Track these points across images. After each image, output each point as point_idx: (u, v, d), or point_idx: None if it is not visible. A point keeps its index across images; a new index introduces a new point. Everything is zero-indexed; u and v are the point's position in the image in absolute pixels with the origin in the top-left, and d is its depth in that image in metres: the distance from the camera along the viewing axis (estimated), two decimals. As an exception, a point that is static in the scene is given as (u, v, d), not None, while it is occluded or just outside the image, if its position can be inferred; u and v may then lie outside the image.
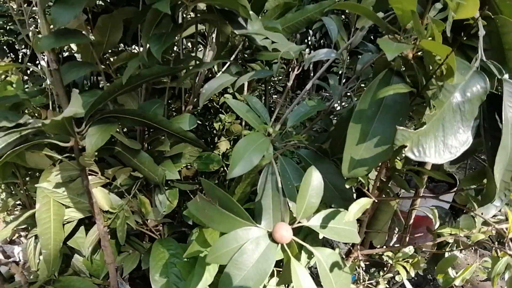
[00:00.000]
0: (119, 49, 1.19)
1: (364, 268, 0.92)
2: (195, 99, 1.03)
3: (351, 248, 0.94)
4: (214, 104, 1.28)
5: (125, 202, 0.98)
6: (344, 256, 0.95)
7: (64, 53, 1.29)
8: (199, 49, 1.24)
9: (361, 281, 0.93)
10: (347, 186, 0.64)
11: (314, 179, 0.56)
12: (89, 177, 0.92)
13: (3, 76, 1.18)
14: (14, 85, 1.10)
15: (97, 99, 0.77)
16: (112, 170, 0.95)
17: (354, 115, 0.54)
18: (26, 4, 0.88)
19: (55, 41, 0.74)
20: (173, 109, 1.22)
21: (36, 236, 1.02)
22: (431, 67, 0.51)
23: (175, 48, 1.12)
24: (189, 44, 1.40)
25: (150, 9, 0.79)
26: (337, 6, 0.86)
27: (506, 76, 0.50)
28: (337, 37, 1.01)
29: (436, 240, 0.85)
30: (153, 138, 1.02)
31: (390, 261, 0.92)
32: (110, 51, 1.09)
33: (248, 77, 0.85)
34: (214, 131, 1.26)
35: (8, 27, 1.48)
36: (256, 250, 0.52)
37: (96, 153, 0.89)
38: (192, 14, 1.07)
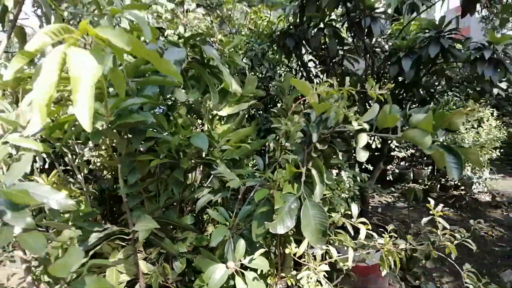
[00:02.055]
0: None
1: None
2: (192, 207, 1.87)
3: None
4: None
5: (156, 268, 1.75)
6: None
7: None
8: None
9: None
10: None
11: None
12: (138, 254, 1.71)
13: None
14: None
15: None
16: (148, 250, 1.73)
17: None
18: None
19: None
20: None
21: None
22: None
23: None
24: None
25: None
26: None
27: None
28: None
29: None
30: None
31: None
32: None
33: (218, 195, 1.71)
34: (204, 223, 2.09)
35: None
36: (221, 274, 1.32)
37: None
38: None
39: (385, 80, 2.70)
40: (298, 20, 2.57)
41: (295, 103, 1.48)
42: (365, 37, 2.35)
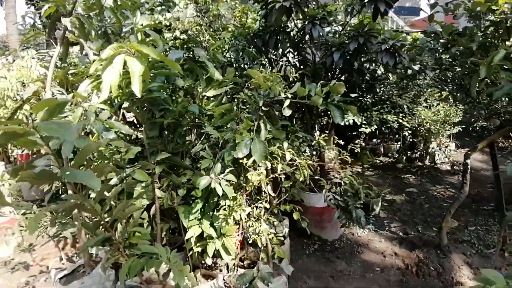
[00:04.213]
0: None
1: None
2: (191, 156, 2.82)
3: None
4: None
5: (166, 194, 2.70)
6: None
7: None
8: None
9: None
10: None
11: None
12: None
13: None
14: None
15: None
16: (162, 180, 2.69)
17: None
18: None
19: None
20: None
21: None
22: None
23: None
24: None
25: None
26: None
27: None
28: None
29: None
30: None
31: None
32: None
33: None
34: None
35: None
36: (206, 180, 2.27)
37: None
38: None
39: (333, 68, 3.61)
40: (264, 25, 3.48)
41: (250, 84, 2.42)
42: (308, 38, 3.28)
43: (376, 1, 2.93)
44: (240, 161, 2.33)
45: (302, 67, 3.92)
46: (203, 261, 3.09)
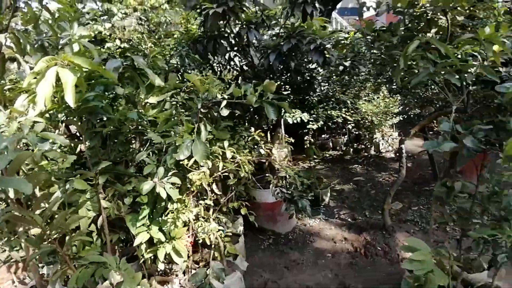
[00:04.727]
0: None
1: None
2: (136, 164, 2.83)
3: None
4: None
5: (112, 203, 2.68)
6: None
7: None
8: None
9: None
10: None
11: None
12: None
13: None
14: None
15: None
16: (107, 190, 2.67)
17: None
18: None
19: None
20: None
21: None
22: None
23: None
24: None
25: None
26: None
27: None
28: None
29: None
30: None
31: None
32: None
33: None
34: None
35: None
36: (149, 185, 2.30)
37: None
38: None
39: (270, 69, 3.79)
40: (203, 31, 3.58)
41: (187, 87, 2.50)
42: (244, 42, 3.45)
43: (303, 4, 3.13)
44: (181, 162, 2.40)
45: (249, 70, 4.07)
46: (158, 269, 3.11)
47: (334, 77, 6.23)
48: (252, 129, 3.11)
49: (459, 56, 3.62)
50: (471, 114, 3.31)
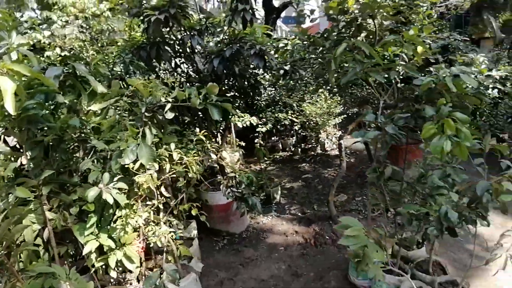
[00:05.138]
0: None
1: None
2: (81, 173, 2.78)
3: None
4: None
5: (58, 214, 2.61)
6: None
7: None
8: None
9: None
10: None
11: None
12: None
13: None
14: None
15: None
16: (51, 201, 2.60)
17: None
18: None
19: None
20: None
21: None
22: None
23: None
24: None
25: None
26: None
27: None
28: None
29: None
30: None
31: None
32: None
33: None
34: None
35: None
36: (94, 191, 2.30)
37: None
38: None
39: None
40: (147, 37, 3.62)
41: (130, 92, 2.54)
42: (189, 49, 3.56)
43: (243, 12, 3.31)
44: (126, 166, 2.42)
45: (195, 76, 4.14)
46: (111, 280, 3.05)
47: (280, 82, 6.52)
48: (200, 131, 3.19)
49: (388, 57, 4.02)
50: (400, 108, 3.69)
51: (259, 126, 6.57)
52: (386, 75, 3.09)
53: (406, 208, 2.46)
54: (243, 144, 5.53)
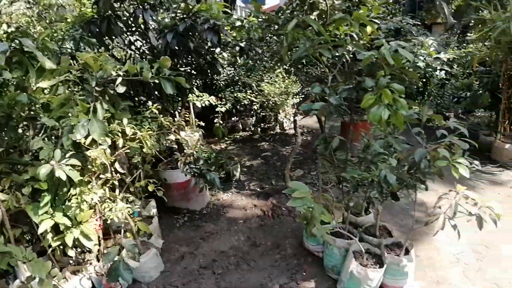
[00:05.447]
0: None
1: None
2: (32, 152, 2.69)
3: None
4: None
5: (10, 195, 2.53)
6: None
7: None
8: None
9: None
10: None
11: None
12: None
13: None
14: None
15: None
16: (2, 182, 2.50)
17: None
18: None
19: None
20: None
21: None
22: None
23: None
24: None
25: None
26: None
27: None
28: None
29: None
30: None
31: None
32: None
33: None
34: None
35: None
36: (46, 168, 2.26)
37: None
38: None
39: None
40: (97, 11, 3.48)
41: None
42: (141, 24, 3.49)
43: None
44: (78, 142, 2.39)
45: (151, 53, 4.05)
46: (70, 261, 3.03)
47: (239, 61, 6.53)
48: (156, 111, 3.18)
49: (339, 36, 4.19)
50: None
51: (219, 106, 6.61)
52: (337, 54, 3.25)
53: (350, 173, 2.67)
54: (203, 124, 5.54)
